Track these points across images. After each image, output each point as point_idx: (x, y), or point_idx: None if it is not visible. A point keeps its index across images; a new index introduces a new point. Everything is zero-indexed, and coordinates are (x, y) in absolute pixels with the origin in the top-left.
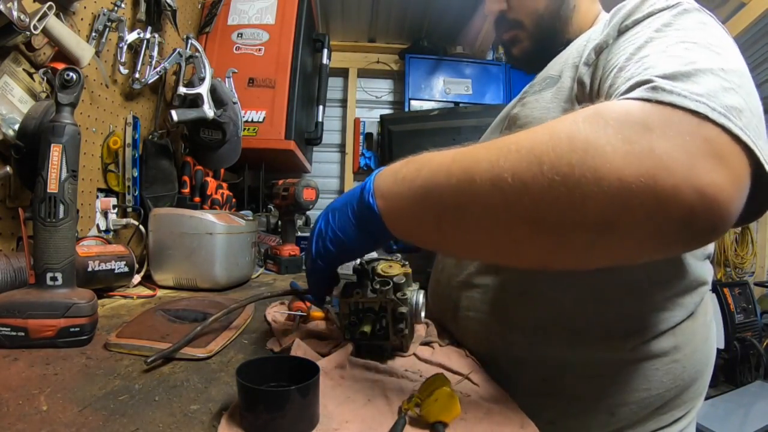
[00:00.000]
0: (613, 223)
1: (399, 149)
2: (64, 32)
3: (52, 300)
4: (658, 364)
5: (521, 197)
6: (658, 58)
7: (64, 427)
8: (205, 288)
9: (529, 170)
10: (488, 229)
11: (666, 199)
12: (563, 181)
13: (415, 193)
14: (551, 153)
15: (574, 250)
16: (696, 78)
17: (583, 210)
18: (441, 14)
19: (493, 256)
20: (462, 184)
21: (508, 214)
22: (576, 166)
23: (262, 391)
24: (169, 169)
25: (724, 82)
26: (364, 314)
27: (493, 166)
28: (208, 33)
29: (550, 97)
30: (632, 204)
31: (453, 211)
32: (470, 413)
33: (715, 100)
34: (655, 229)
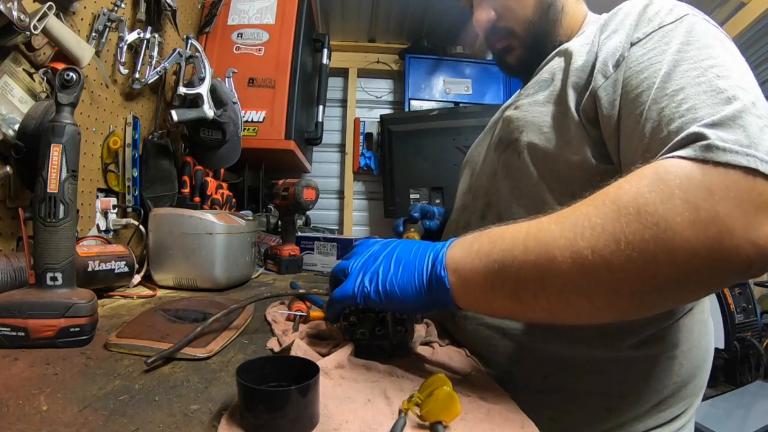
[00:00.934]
0: (683, 284)
1: (399, 149)
2: (64, 32)
3: (52, 300)
4: (656, 361)
5: (601, 271)
6: (695, 94)
7: (64, 427)
8: (205, 288)
9: (607, 247)
10: (569, 300)
11: (729, 258)
12: (640, 255)
13: (490, 266)
14: (626, 230)
15: (645, 307)
16: (741, 121)
17: (658, 277)
18: (441, 14)
19: (571, 319)
20: (541, 260)
21: (588, 285)
22: (651, 242)
23: (262, 391)
24: (169, 169)
25: (759, 120)
26: (364, 315)
27: (572, 244)
28: (208, 33)
29: (543, 100)
30: (701, 267)
31: (533, 284)
32: (470, 413)
33: (760, 148)
34: (717, 282)
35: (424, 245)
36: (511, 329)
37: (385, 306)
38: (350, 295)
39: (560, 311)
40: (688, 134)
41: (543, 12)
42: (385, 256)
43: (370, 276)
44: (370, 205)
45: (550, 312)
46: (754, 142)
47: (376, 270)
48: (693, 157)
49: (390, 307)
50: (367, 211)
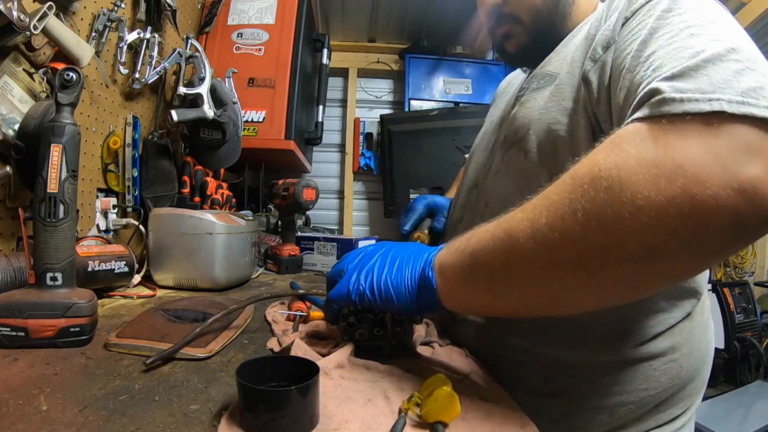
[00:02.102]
0: (658, 250)
1: (399, 149)
2: (64, 32)
3: (52, 300)
4: (656, 364)
5: (564, 248)
6: (665, 54)
7: (64, 427)
8: (205, 288)
9: (564, 221)
10: (539, 284)
11: (707, 211)
12: (599, 223)
13: (464, 261)
14: (581, 200)
15: (627, 285)
16: (705, 70)
17: (625, 246)
18: (441, 14)
19: (550, 307)
20: (506, 244)
21: (555, 265)
22: (608, 207)
23: (262, 391)
24: (169, 169)
25: (736, 64)
26: (363, 316)
27: (532, 223)
28: (208, 33)
29: (548, 96)
30: (674, 227)
31: (502, 271)
32: (470, 413)
33: (729, 90)
34: (703, 243)
35: (421, 247)
36: (512, 333)
37: (379, 306)
38: (345, 293)
39: (535, 299)
40: (644, 93)
41: (552, 3)
42: (381, 255)
43: (365, 273)
44: (370, 205)
45: (525, 302)
46: (720, 87)
47: (371, 268)
48: (648, 115)
49: (384, 308)
50: (367, 211)
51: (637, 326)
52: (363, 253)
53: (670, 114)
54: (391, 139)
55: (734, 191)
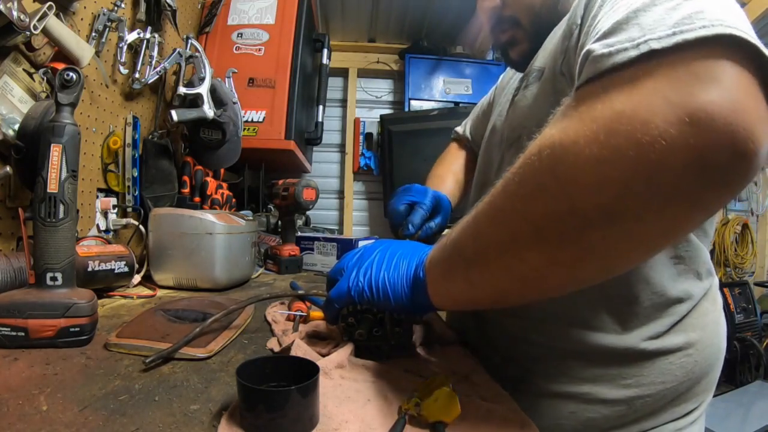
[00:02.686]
0: (614, 210)
1: (399, 149)
2: (64, 32)
3: (52, 300)
4: (672, 358)
5: (519, 223)
6: (606, 18)
7: (64, 427)
8: (205, 288)
9: (515, 196)
10: (507, 266)
11: (659, 155)
12: (547, 191)
13: (445, 254)
14: (527, 170)
15: (597, 255)
16: (636, 19)
17: (578, 211)
18: (441, 14)
19: (525, 291)
20: (473, 231)
21: (515, 244)
22: (551, 172)
23: (262, 391)
24: (169, 169)
25: (670, 3)
26: (363, 315)
27: (491, 206)
28: (208, 33)
29: (536, 92)
30: (624, 180)
31: (474, 257)
32: (470, 413)
33: (659, 30)
34: (666, 193)
35: (418, 245)
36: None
37: (376, 304)
38: (345, 291)
39: (507, 284)
40: (581, 59)
41: (552, 3)
42: (380, 251)
43: (364, 270)
44: (370, 205)
45: (499, 288)
46: (650, 29)
47: (370, 264)
48: (585, 80)
49: (381, 306)
50: (367, 211)
51: (649, 315)
52: (362, 251)
53: (602, 71)
54: (391, 139)
55: (685, 124)
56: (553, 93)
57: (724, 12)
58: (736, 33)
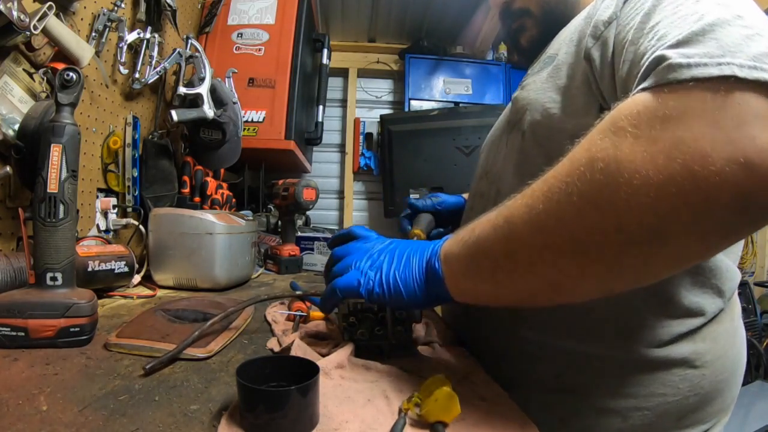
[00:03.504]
0: (660, 233)
1: (399, 149)
2: (64, 32)
3: (52, 300)
4: (676, 370)
5: (561, 233)
6: (669, 22)
7: (64, 427)
8: (205, 288)
9: (559, 205)
10: (540, 272)
11: (710, 189)
12: (594, 206)
13: (469, 250)
14: (577, 183)
15: (632, 270)
16: (713, 34)
17: (624, 229)
18: (441, 14)
19: (554, 296)
20: (505, 232)
21: (552, 252)
22: (603, 189)
23: (262, 391)
24: (169, 169)
25: (744, 29)
26: (363, 315)
27: (530, 209)
28: (208, 33)
29: (546, 77)
30: (675, 207)
31: (503, 259)
32: (470, 413)
33: (740, 54)
34: (709, 223)
35: (425, 242)
36: (525, 326)
37: (388, 302)
38: (355, 286)
39: (538, 287)
40: (649, 62)
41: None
42: (389, 251)
43: (376, 268)
44: (370, 205)
45: (528, 291)
46: (730, 51)
47: (380, 264)
48: (653, 84)
49: (393, 303)
50: (367, 211)
51: (655, 324)
52: (370, 249)
53: (677, 81)
54: (391, 139)
55: (739, 166)
56: (567, 77)
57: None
58: None
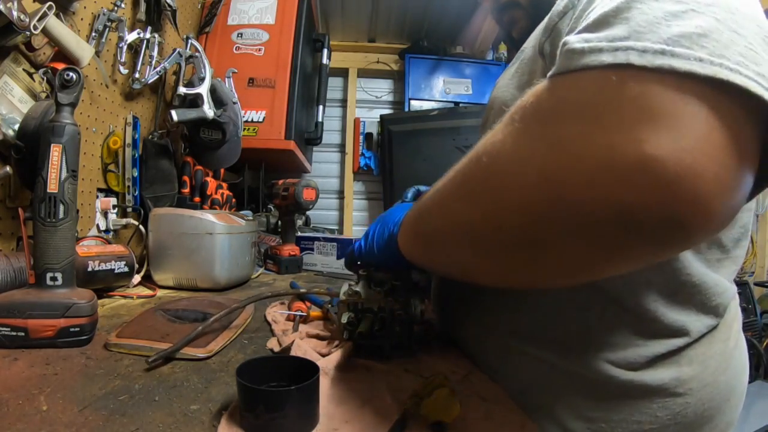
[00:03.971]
0: (536, 238)
1: (399, 149)
2: (64, 32)
3: (52, 300)
4: (653, 396)
5: (455, 221)
6: (598, 4)
7: (64, 427)
8: (205, 288)
9: (454, 198)
10: (448, 253)
11: (580, 199)
12: (476, 202)
13: (412, 220)
14: (466, 176)
15: (524, 270)
16: (628, 12)
17: (503, 228)
18: (441, 14)
19: (466, 277)
20: (427, 210)
21: (454, 239)
22: (483, 184)
23: (262, 391)
24: (169, 169)
25: (675, 5)
26: (363, 315)
27: (439, 194)
28: (208, 33)
29: (512, 73)
30: (545, 214)
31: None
32: (470, 413)
33: (650, 36)
34: (588, 237)
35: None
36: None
37: (365, 256)
38: (353, 247)
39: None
40: (560, 49)
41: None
42: (381, 217)
43: (367, 232)
44: (370, 205)
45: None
46: (639, 32)
47: (371, 227)
48: (551, 74)
49: (369, 258)
50: (367, 211)
51: (629, 343)
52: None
53: (568, 69)
54: (391, 139)
55: (615, 176)
56: (528, 73)
57: (732, 40)
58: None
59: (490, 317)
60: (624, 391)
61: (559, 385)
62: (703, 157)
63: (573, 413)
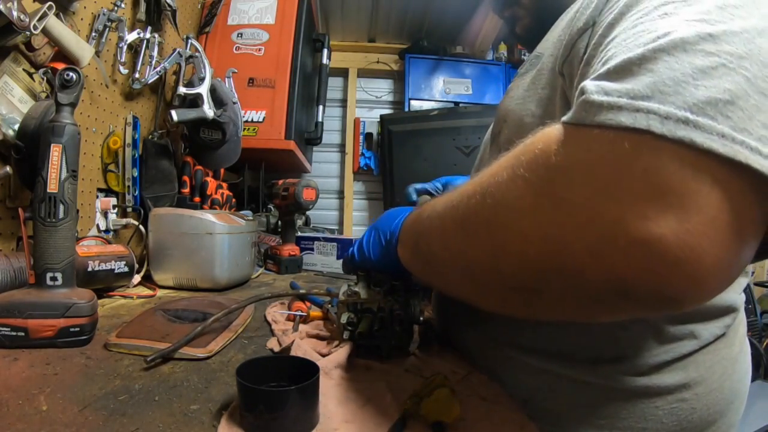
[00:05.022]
0: (533, 287)
1: (399, 149)
2: (64, 32)
3: (52, 300)
4: (659, 401)
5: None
6: (621, 40)
7: (64, 427)
8: (205, 288)
9: (457, 225)
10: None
11: (582, 265)
12: (480, 241)
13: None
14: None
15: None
16: (653, 64)
17: (502, 271)
18: (441, 14)
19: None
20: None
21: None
22: (488, 222)
23: (262, 391)
24: (169, 169)
25: (705, 58)
26: (363, 315)
27: (439, 216)
28: (208, 33)
29: (528, 83)
30: (544, 270)
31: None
32: (470, 413)
33: (674, 98)
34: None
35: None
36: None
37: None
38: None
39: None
40: (577, 92)
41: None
42: (373, 226)
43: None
44: (370, 205)
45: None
46: (662, 91)
47: (365, 235)
48: (566, 121)
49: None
50: (367, 211)
51: (639, 352)
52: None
53: (583, 123)
54: (391, 139)
55: (617, 250)
56: (549, 87)
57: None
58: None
59: (491, 327)
60: (631, 394)
61: (564, 393)
62: (706, 241)
63: (577, 422)
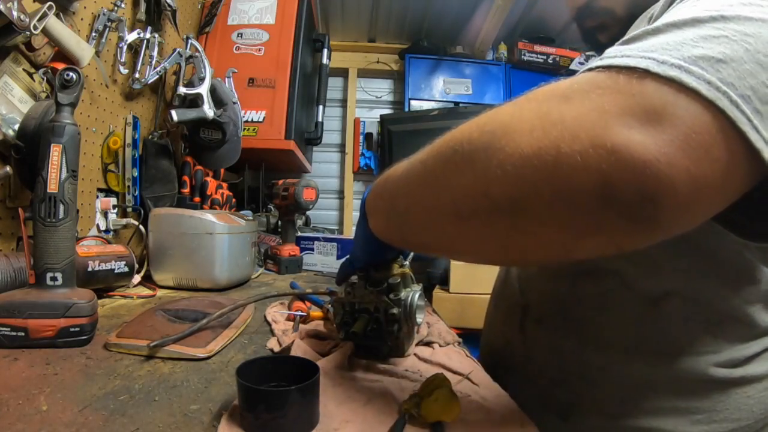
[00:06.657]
0: (521, 205)
1: (399, 149)
2: (64, 32)
3: (52, 300)
4: (751, 391)
5: (433, 187)
6: None
7: (64, 427)
8: (205, 288)
9: (440, 159)
10: (419, 223)
11: (570, 169)
12: (471, 166)
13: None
14: (465, 139)
15: (499, 240)
16: (663, 33)
17: (490, 195)
18: (441, 14)
19: (435, 249)
20: (405, 185)
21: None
22: (483, 150)
23: (262, 391)
24: (169, 169)
25: (711, 30)
26: (360, 314)
27: (411, 160)
28: (208, 33)
29: None
30: (536, 181)
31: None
32: (470, 413)
33: (673, 52)
34: (569, 207)
35: None
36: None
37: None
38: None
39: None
40: None
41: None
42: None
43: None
44: None
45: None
46: (665, 48)
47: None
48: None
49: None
50: None
51: (731, 347)
52: None
53: (593, 68)
54: (391, 139)
55: (606, 151)
56: None
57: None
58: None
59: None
60: (726, 388)
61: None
62: (679, 152)
63: (677, 416)
